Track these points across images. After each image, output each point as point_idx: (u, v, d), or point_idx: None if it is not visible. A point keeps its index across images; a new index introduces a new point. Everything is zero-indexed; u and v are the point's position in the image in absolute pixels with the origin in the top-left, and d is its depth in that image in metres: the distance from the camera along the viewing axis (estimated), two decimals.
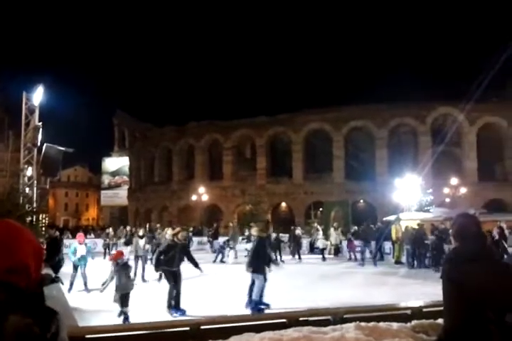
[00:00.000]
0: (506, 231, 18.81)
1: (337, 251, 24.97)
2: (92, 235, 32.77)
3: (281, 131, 45.06)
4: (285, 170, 44.44)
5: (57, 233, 14.46)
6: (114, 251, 15.62)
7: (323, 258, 22.33)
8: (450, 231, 3.12)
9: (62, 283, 8.55)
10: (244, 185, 45.15)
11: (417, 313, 4.84)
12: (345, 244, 24.43)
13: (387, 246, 21.96)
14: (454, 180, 34.81)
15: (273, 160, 45.99)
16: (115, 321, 7.87)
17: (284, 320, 4.66)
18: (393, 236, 21.00)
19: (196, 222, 42.34)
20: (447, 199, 33.88)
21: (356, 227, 25.62)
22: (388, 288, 12.79)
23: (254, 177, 45.49)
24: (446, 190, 34.43)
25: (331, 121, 42.70)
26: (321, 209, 39.63)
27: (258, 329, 4.27)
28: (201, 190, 41.54)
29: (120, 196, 63.95)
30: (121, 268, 8.63)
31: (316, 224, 27.83)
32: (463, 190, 34.83)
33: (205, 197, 41.62)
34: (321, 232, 25.42)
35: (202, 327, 4.40)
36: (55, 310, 1.31)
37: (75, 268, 12.93)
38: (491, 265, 2.80)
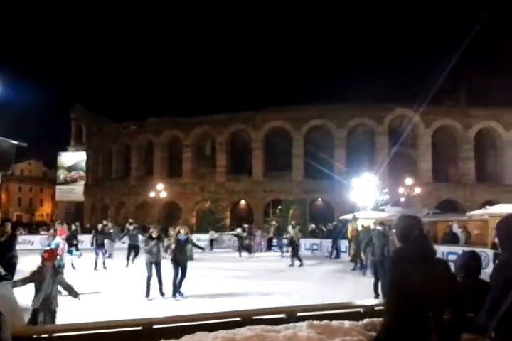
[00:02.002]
0: (458, 231, 19.37)
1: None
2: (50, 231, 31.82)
3: (242, 129, 45.11)
4: (245, 168, 44.50)
5: (10, 229, 13.76)
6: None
7: (282, 256, 22.54)
8: (393, 232, 3.19)
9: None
10: (204, 182, 44.98)
11: (369, 312, 4.91)
12: (303, 241, 24.70)
13: (344, 244, 22.29)
14: (408, 180, 35.67)
15: (233, 157, 45.96)
16: (69, 320, 7.68)
17: (238, 319, 4.64)
18: (349, 234, 21.34)
19: (154, 219, 41.87)
20: (402, 199, 34.66)
21: (314, 225, 25.93)
22: (343, 286, 12.98)
23: (214, 175, 45.37)
24: (401, 190, 35.23)
25: (291, 119, 43.05)
26: (280, 207, 39.91)
27: (212, 328, 4.24)
28: (160, 186, 41.11)
29: (76, 191, 62.61)
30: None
31: (274, 222, 28.01)
32: (417, 190, 35.73)
33: (163, 194, 41.20)
34: (291, 229, 25.35)
35: (154, 326, 4.34)
36: None
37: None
38: (432, 266, 2.88)
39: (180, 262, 11.35)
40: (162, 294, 11.15)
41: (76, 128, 70.99)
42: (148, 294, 11.05)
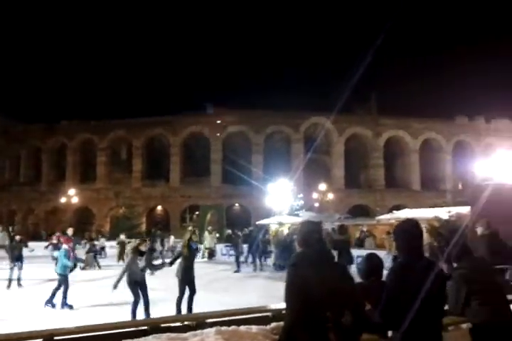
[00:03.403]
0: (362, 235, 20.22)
1: (211, 254, 25.13)
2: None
3: (160, 133, 44.55)
4: (162, 173, 43.97)
5: None
6: None
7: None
8: (296, 237, 3.30)
9: None
10: (119, 187, 43.81)
11: (277, 315, 5.00)
12: (219, 247, 24.74)
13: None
14: (322, 186, 36.80)
15: (150, 162, 45.22)
16: None
17: (145, 328, 4.57)
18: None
19: (65, 226, 40.13)
20: (316, 204, 35.70)
21: (230, 231, 26.01)
22: (256, 291, 13.07)
23: (130, 180, 44.42)
24: (315, 195, 36.27)
25: (210, 125, 43.11)
26: (197, 212, 39.70)
27: (117, 337, 4.15)
28: (71, 191, 39.52)
29: None
30: None
31: (190, 228, 27.77)
32: (330, 196, 36.96)
33: (75, 200, 39.66)
34: (207, 234, 25.08)
35: (56, 337, 4.17)
36: None
37: (65, 277, 10.88)
38: (330, 269, 3.01)
39: (191, 277, 9.53)
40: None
41: None
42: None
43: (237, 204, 43.25)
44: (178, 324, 4.81)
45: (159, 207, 45.15)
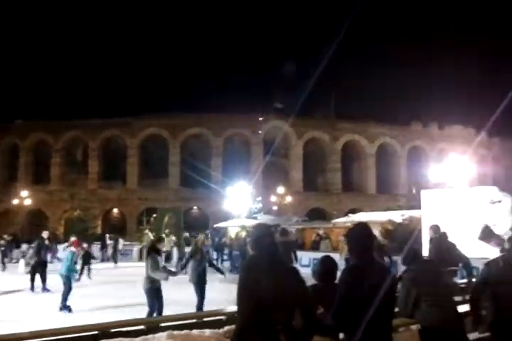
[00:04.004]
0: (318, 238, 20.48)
1: (168, 257, 24.85)
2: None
3: (117, 135, 43.81)
4: (119, 175, 43.26)
5: None
6: None
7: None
8: (248, 241, 3.31)
9: None
10: (74, 189, 42.83)
11: (230, 319, 4.98)
12: (175, 250, 24.50)
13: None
14: (280, 189, 37.03)
15: (106, 164, 44.38)
16: None
17: (95, 332, 4.46)
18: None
19: (17, 228, 38.92)
20: (274, 207, 35.89)
21: (187, 234, 25.84)
22: (211, 294, 12.94)
23: (85, 182, 43.50)
24: (273, 199, 36.45)
25: (168, 127, 42.73)
26: (154, 215, 39.22)
27: None
28: (24, 193, 38.35)
29: None
30: None
31: (147, 231, 27.45)
32: (289, 199, 37.22)
33: (28, 202, 38.50)
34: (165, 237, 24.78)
35: None
36: None
37: (70, 279, 10.84)
38: (281, 272, 3.02)
39: (205, 280, 9.62)
40: None
41: None
42: None
43: (195, 208, 42.98)
44: (129, 328, 4.72)
45: (115, 210, 44.34)
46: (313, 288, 3.95)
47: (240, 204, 28.70)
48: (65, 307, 10.36)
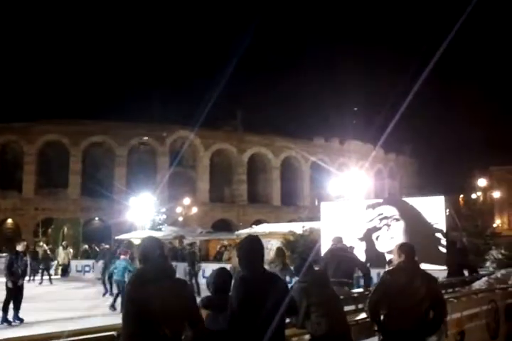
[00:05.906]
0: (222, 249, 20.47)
1: (65, 271, 23.65)
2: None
3: (13, 140, 41.32)
4: (14, 183, 40.69)
5: None
6: None
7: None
8: (136, 253, 3.25)
9: None
10: None
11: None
12: (74, 263, 23.38)
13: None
14: (186, 200, 36.76)
15: (1, 171, 41.57)
16: None
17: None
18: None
19: None
20: (180, 218, 35.51)
21: (87, 246, 24.80)
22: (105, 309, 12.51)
23: None
24: (179, 210, 36.08)
25: (69, 134, 40.97)
26: (52, 226, 37.25)
27: None
28: None
29: None
30: None
31: (42, 243, 25.96)
32: (195, 210, 37.04)
33: None
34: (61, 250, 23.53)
35: None
36: None
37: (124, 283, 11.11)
38: (170, 284, 3.00)
39: None
40: None
41: None
42: None
43: (96, 218, 41.42)
44: None
45: (9, 220, 41.58)
46: (207, 300, 3.95)
47: (144, 215, 28.10)
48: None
